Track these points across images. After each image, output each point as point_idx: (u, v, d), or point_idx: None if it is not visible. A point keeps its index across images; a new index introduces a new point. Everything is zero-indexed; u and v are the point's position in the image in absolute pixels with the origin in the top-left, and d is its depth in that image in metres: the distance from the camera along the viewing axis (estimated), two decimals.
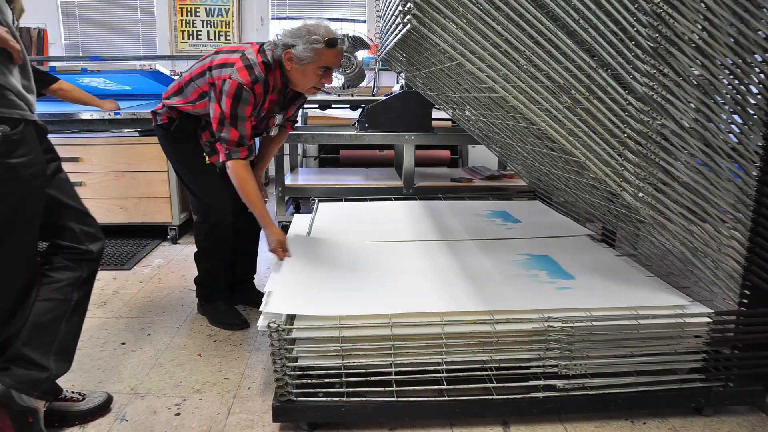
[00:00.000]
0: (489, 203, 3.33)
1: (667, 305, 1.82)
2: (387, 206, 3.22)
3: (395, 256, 2.35)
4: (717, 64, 1.52)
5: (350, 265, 2.24)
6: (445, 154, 4.96)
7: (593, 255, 2.36)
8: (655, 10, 1.45)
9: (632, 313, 1.74)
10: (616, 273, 2.14)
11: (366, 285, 2.02)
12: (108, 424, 1.79)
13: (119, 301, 2.80)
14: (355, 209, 3.12)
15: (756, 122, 1.62)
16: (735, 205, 1.69)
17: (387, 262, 2.28)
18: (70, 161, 3.68)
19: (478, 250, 2.42)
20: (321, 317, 1.74)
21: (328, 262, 2.28)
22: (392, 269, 2.19)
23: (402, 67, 2.80)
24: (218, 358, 2.23)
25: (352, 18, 6.05)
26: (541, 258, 2.28)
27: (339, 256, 2.34)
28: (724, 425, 1.79)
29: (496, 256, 2.31)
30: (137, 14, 6.01)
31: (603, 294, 1.92)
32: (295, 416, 1.73)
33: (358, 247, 2.46)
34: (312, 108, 4.42)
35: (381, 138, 3.72)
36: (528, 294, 1.93)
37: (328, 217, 2.94)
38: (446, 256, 2.33)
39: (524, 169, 2.95)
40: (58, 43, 5.90)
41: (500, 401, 1.73)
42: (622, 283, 2.03)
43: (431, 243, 2.53)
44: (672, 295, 1.91)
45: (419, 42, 1.83)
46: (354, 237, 2.60)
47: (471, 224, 2.84)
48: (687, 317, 1.74)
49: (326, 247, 2.46)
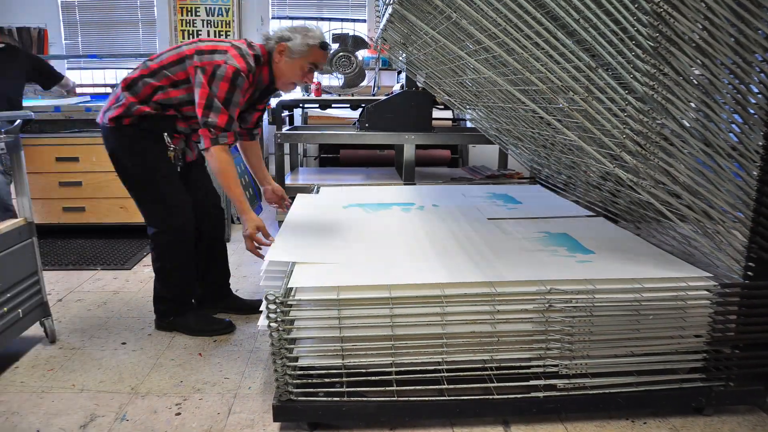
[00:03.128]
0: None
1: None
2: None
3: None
4: (717, 63, 1.52)
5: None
6: (446, 154, 4.96)
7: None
8: (656, 10, 1.44)
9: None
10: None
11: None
12: (108, 423, 1.79)
13: (120, 301, 2.80)
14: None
15: (756, 122, 1.62)
16: (735, 205, 1.69)
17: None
18: (70, 161, 3.69)
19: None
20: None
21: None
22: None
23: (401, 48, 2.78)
24: (219, 357, 2.23)
25: (353, 18, 6.05)
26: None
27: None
28: (725, 425, 1.79)
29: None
30: (137, 14, 6.00)
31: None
32: (296, 416, 1.73)
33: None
34: (312, 108, 4.43)
35: (381, 138, 3.72)
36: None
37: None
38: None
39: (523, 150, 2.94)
40: (59, 43, 5.89)
41: (501, 401, 1.73)
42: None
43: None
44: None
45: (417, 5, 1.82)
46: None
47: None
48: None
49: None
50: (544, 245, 2.13)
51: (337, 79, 4.34)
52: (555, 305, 1.69)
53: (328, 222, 2.42)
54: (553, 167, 2.77)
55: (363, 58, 4.50)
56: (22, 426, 1.78)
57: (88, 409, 1.88)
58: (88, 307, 2.72)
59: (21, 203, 2.23)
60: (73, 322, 2.55)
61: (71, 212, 3.77)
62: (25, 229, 2.21)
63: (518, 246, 2.12)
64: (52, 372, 2.11)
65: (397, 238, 2.22)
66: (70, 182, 3.71)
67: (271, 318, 1.62)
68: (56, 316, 2.57)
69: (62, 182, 3.71)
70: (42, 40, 5.83)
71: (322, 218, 2.49)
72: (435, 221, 2.49)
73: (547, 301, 1.69)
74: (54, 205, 3.76)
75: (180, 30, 5.92)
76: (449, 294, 1.69)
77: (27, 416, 1.83)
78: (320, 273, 1.82)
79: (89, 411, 1.86)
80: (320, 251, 2.02)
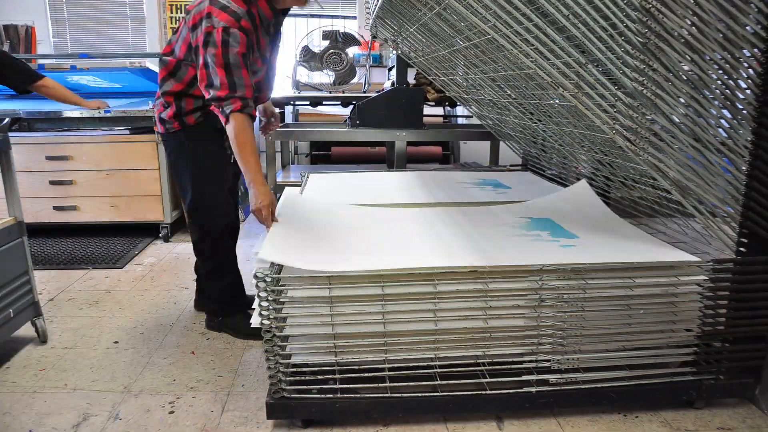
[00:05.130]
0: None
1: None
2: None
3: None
4: (706, 59, 1.53)
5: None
6: (437, 151, 4.97)
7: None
8: (645, 6, 1.45)
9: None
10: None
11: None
12: (101, 422, 1.79)
13: (111, 300, 2.79)
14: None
15: (745, 117, 1.63)
16: (725, 200, 1.70)
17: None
18: (61, 159, 3.66)
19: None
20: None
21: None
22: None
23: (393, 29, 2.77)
24: (212, 355, 2.22)
25: (343, 14, 6.04)
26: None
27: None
28: (715, 417, 1.81)
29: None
30: (126, 11, 5.97)
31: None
32: (289, 413, 1.73)
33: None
34: (303, 105, 4.42)
35: (372, 135, 3.72)
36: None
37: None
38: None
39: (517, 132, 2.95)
40: (47, 41, 5.85)
41: (493, 396, 1.74)
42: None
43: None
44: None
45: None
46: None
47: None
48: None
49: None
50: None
51: (328, 76, 4.33)
52: (546, 301, 1.70)
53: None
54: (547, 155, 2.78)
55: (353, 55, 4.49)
56: (14, 426, 1.77)
57: (81, 408, 1.87)
58: (79, 307, 2.71)
59: (11, 202, 2.21)
60: (65, 322, 2.53)
61: (62, 211, 3.75)
62: (14, 229, 2.20)
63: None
64: (44, 372, 2.10)
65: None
66: (60, 181, 3.69)
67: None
68: (47, 315, 2.56)
69: (52, 181, 3.69)
70: (30, 37, 5.79)
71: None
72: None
73: (539, 297, 1.70)
74: (44, 204, 3.73)
75: (169, 27, 5.89)
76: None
77: (19, 416, 1.82)
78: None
79: (82, 410, 1.86)
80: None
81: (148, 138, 3.64)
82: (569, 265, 1.69)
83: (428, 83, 3.85)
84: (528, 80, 1.92)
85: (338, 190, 2.86)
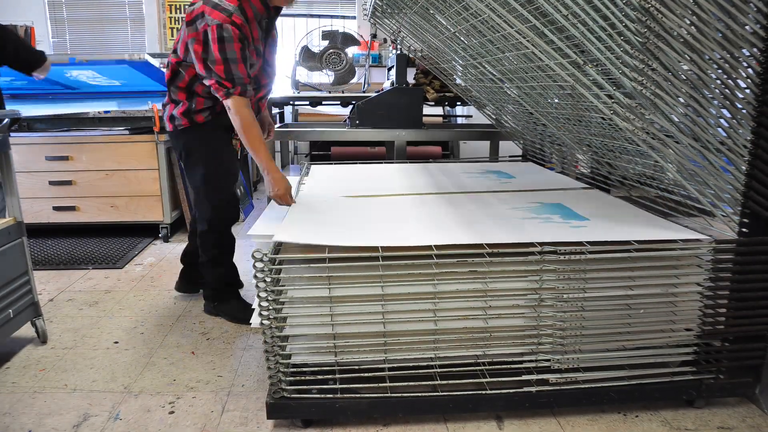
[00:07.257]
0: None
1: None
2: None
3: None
4: (705, 58, 1.53)
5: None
6: (437, 150, 4.96)
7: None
8: (644, 5, 1.45)
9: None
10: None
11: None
12: (102, 423, 1.79)
13: (111, 300, 2.79)
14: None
15: (744, 116, 1.63)
16: (724, 199, 1.70)
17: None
18: (60, 160, 3.66)
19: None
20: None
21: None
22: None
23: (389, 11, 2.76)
24: (212, 356, 2.22)
25: (342, 15, 6.04)
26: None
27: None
28: (715, 417, 1.81)
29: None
30: (126, 11, 5.97)
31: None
32: (289, 413, 1.73)
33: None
34: (303, 105, 4.42)
35: (372, 134, 3.72)
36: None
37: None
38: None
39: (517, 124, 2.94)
40: (46, 41, 5.85)
41: (493, 396, 1.74)
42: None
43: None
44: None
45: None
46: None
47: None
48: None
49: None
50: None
51: (327, 76, 4.33)
52: (546, 301, 1.70)
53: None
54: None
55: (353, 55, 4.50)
56: (14, 427, 1.77)
57: (81, 408, 1.87)
58: (79, 307, 2.71)
59: (10, 203, 2.21)
60: (65, 322, 2.53)
61: (62, 211, 3.75)
62: (14, 229, 2.20)
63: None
64: (44, 372, 2.10)
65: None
66: (60, 181, 3.69)
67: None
68: (47, 316, 2.56)
69: (52, 181, 3.69)
70: (29, 38, 5.78)
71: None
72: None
73: (539, 297, 1.70)
74: (44, 205, 3.73)
75: (169, 27, 5.90)
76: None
77: (19, 417, 1.82)
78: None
79: (82, 411, 1.86)
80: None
81: (147, 138, 3.65)
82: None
83: (428, 83, 3.85)
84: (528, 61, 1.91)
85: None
